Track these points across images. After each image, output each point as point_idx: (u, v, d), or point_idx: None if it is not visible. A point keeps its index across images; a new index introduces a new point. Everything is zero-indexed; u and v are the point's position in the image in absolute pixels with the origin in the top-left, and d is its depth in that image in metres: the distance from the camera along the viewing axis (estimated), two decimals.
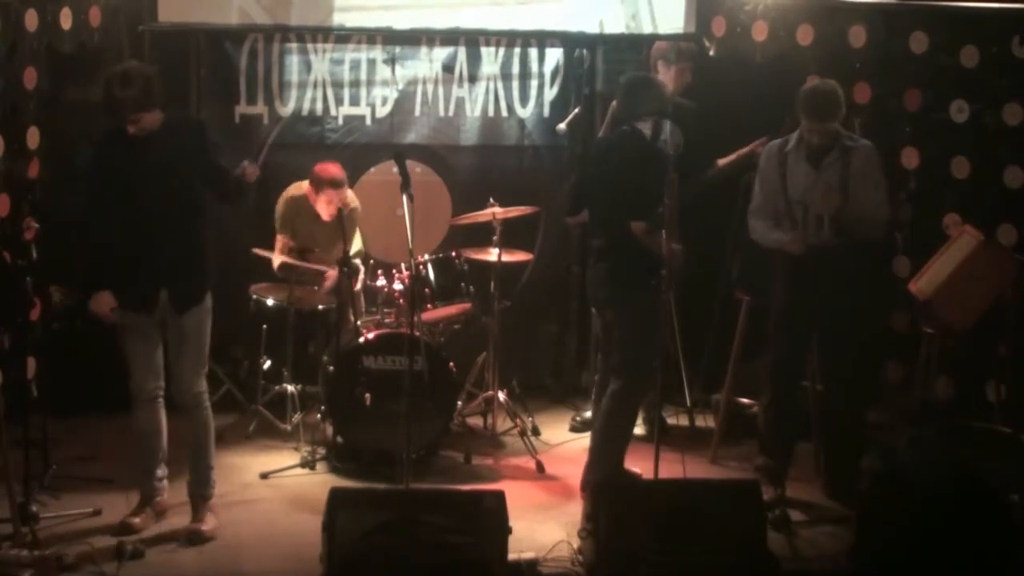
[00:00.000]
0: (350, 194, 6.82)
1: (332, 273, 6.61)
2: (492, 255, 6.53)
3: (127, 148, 5.12)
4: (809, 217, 5.52)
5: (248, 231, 7.32)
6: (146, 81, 5.04)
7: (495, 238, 6.52)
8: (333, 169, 6.66)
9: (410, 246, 5.53)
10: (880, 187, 5.72)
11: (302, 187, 6.83)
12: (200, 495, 5.42)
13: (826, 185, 5.55)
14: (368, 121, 7.45)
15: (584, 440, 6.22)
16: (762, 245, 5.85)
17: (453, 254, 6.59)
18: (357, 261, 6.81)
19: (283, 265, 6.70)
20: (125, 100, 4.98)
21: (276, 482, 6.04)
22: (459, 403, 6.63)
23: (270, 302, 6.65)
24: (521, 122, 7.59)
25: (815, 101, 5.61)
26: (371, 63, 7.40)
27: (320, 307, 6.75)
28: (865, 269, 5.78)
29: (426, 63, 7.45)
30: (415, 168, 7.12)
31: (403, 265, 6.49)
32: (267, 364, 6.80)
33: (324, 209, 6.63)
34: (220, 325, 7.08)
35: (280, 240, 6.85)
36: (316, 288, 6.74)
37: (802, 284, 5.60)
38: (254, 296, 6.72)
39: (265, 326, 6.73)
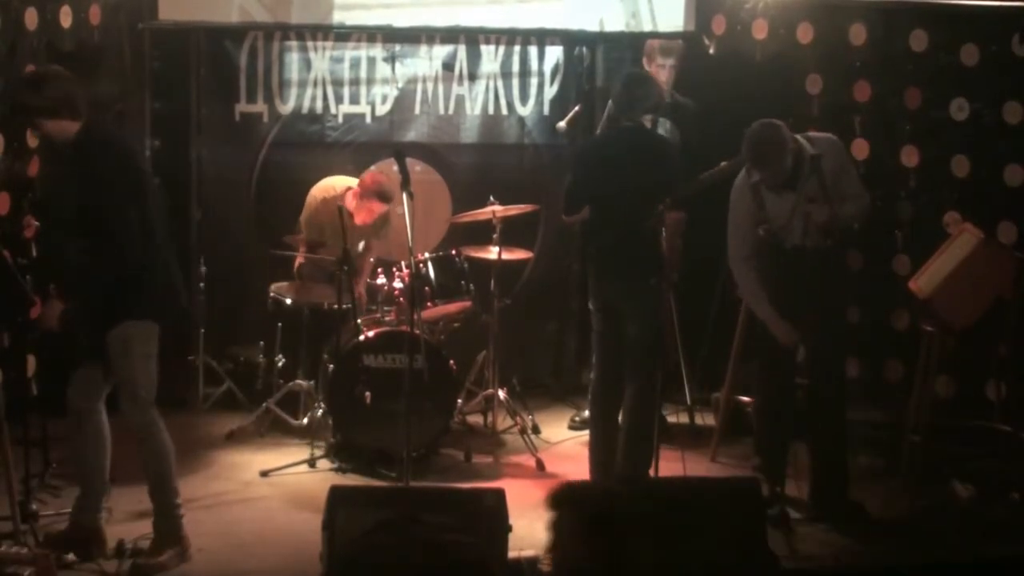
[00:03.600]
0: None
1: (360, 289, 6.61)
2: (492, 253, 6.52)
3: (57, 158, 5.03)
4: (809, 227, 5.46)
5: (247, 231, 7.34)
6: (58, 89, 4.80)
7: (495, 236, 6.52)
8: (387, 184, 6.53)
9: (410, 244, 5.53)
10: (854, 174, 5.68)
11: (335, 187, 6.75)
12: (156, 527, 5.04)
13: (810, 202, 5.45)
14: (368, 119, 7.45)
15: (585, 438, 6.20)
16: (748, 303, 5.77)
17: (453, 252, 6.58)
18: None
19: (300, 268, 6.63)
20: (26, 104, 4.79)
21: (276, 480, 6.05)
22: (459, 401, 6.63)
23: (288, 301, 6.60)
24: (521, 120, 7.59)
25: (752, 149, 5.42)
26: (371, 61, 7.40)
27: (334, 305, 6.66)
28: (841, 267, 5.78)
29: (426, 61, 7.45)
30: (415, 166, 7.12)
31: (403, 263, 6.49)
32: (281, 362, 6.78)
33: (361, 215, 6.57)
34: (219, 324, 7.16)
35: (304, 241, 6.71)
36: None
37: (789, 284, 5.56)
38: (272, 295, 6.68)
39: (280, 324, 6.70)
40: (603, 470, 5.84)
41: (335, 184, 6.79)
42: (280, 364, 6.77)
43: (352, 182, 6.74)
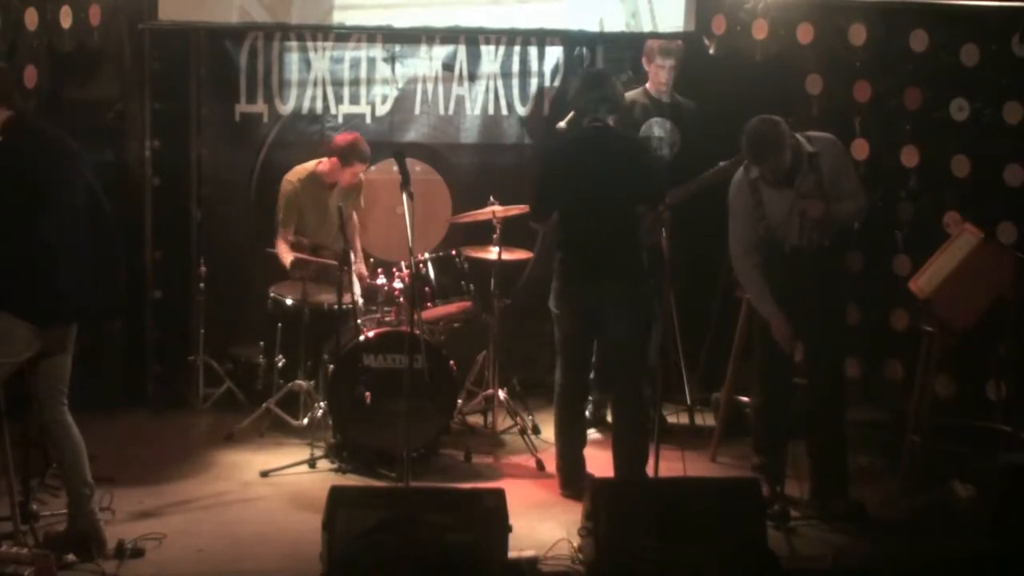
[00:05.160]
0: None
1: (360, 268, 6.76)
2: (492, 253, 6.52)
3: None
4: (805, 224, 5.46)
5: (247, 231, 7.33)
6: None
7: (495, 236, 6.52)
8: (363, 144, 6.74)
9: (410, 244, 5.53)
10: (852, 174, 5.66)
11: (307, 168, 6.85)
12: None
13: (805, 198, 5.44)
14: (368, 119, 7.45)
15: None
16: (751, 299, 5.76)
17: (453, 252, 6.58)
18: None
19: (296, 262, 6.63)
20: None
21: (276, 480, 6.04)
22: (459, 401, 6.64)
23: (289, 301, 6.59)
24: (521, 120, 7.59)
25: (750, 144, 5.41)
26: (371, 61, 7.41)
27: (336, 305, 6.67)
28: (840, 268, 5.81)
29: (426, 61, 7.45)
30: (415, 166, 7.12)
31: (403, 263, 6.49)
32: (281, 362, 6.78)
33: (344, 177, 6.77)
34: (219, 324, 7.16)
35: (283, 235, 6.78)
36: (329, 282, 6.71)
37: (788, 285, 5.56)
38: (272, 295, 6.68)
39: (280, 324, 6.69)
40: (575, 471, 5.85)
41: (305, 167, 6.89)
42: (280, 364, 6.77)
43: (313, 164, 6.88)
